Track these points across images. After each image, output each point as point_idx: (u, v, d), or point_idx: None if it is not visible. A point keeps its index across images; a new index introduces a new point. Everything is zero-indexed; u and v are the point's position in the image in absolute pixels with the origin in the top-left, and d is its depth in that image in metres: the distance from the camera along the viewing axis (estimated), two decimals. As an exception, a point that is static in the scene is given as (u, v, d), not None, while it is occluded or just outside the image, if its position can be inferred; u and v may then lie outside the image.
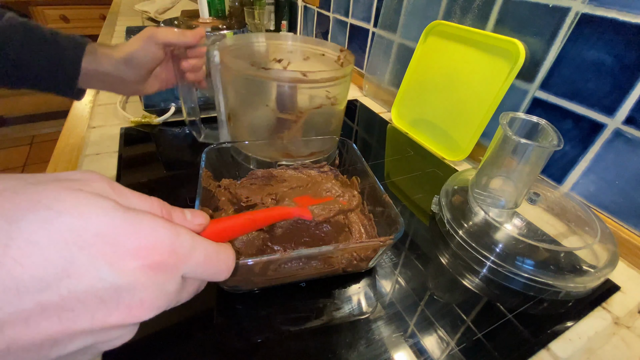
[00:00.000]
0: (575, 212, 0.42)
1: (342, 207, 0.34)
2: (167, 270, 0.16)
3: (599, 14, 0.40)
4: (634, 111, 0.39)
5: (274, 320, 0.30)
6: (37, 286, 0.13)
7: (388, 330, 0.30)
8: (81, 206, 0.14)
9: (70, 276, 0.13)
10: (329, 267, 0.32)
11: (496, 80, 0.51)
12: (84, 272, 0.13)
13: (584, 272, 0.35)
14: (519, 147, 0.37)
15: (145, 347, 0.28)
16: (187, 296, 0.19)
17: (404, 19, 0.69)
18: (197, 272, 0.18)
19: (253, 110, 0.47)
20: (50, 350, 0.14)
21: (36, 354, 0.14)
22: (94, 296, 0.14)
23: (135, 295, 0.15)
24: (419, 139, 0.64)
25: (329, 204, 0.33)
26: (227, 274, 0.20)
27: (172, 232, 0.16)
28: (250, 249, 0.34)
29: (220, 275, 0.19)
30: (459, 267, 0.38)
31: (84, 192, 0.15)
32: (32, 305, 0.13)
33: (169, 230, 0.16)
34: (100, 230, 0.14)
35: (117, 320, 0.15)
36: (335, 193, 0.39)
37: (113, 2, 1.53)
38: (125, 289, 0.14)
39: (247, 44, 0.51)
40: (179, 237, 0.16)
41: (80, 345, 0.15)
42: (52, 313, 0.13)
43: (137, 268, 0.15)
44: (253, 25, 1.01)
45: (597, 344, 0.32)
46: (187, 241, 0.17)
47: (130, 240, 0.15)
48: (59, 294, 0.13)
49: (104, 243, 0.14)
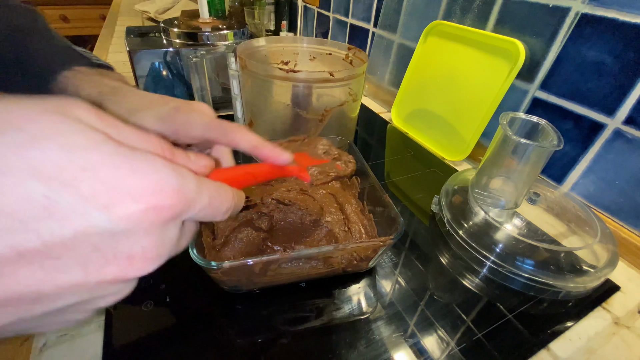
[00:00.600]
0: (575, 212, 0.42)
1: (338, 171, 0.33)
2: (172, 215, 0.14)
3: (599, 14, 0.40)
4: (634, 111, 0.39)
5: (274, 320, 0.30)
6: (9, 225, 0.10)
7: (388, 330, 0.30)
8: (63, 134, 0.12)
9: (52, 217, 0.11)
10: (329, 267, 0.32)
11: (496, 80, 0.51)
12: (71, 214, 0.11)
13: (584, 272, 0.35)
14: (519, 147, 0.37)
15: (145, 347, 0.28)
16: (185, 242, 0.17)
17: (404, 19, 0.69)
18: (199, 215, 0.16)
19: (275, 113, 0.47)
20: (32, 305, 0.12)
21: (14, 310, 0.12)
22: (85, 243, 0.12)
23: (136, 244, 0.13)
24: (419, 139, 0.64)
25: (326, 166, 0.33)
26: (227, 215, 0.18)
27: (177, 173, 0.14)
28: (250, 249, 0.34)
29: (219, 216, 0.18)
30: (459, 267, 0.38)
31: (67, 117, 0.12)
32: (3, 248, 0.10)
33: (174, 171, 0.14)
34: (89, 165, 0.12)
35: (116, 273, 0.13)
36: (332, 154, 0.39)
37: (113, 2, 1.53)
38: (125, 237, 0.13)
39: (261, 46, 0.52)
40: (185, 179, 0.14)
41: (70, 301, 0.13)
42: (31, 260, 0.11)
43: (138, 212, 0.13)
44: (253, 25, 1.01)
45: (597, 344, 0.32)
46: (192, 183, 0.15)
47: (129, 180, 0.12)
48: (40, 238, 0.11)
49: (95, 181, 0.12)
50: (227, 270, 0.27)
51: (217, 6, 0.96)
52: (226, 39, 0.63)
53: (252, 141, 0.25)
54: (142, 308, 0.30)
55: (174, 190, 0.14)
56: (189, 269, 0.33)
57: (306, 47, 0.55)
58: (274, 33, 1.09)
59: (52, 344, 0.27)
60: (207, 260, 0.26)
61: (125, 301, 0.31)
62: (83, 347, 0.27)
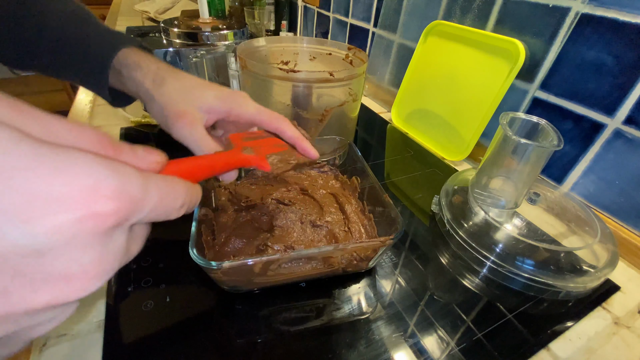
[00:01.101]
0: (575, 212, 0.42)
1: (298, 159, 0.33)
2: (115, 221, 0.12)
3: (599, 14, 0.40)
4: (634, 111, 0.39)
5: (274, 320, 0.30)
6: None
7: (388, 330, 0.30)
8: None
9: None
10: (329, 267, 0.32)
11: (496, 80, 0.51)
12: None
13: (584, 272, 0.35)
14: (519, 147, 0.37)
15: (145, 347, 0.28)
16: (137, 249, 0.15)
17: (404, 19, 0.69)
18: (150, 216, 0.14)
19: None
20: None
21: None
22: (2, 268, 0.10)
23: (73, 261, 0.11)
24: (419, 138, 0.64)
25: (285, 154, 0.32)
26: (182, 211, 0.16)
27: (116, 171, 0.12)
28: (250, 249, 0.34)
29: (173, 214, 0.15)
30: (459, 267, 0.38)
31: None
32: None
33: (112, 169, 0.12)
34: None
35: (48, 299, 0.11)
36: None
37: (113, 2, 1.53)
38: (56, 254, 0.11)
39: (261, 46, 0.52)
40: (127, 177, 0.12)
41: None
42: None
43: (70, 223, 0.11)
44: (253, 25, 1.01)
45: (597, 344, 0.32)
46: (137, 180, 0.13)
47: (54, 184, 0.10)
48: None
49: (8, 190, 0.10)
50: (227, 270, 0.27)
51: (217, 6, 0.96)
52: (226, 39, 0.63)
53: (295, 133, 0.30)
54: (142, 308, 0.30)
55: (114, 192, 0.12)
56: (189, 269, 0.33)
57: (306, 47, 0.55)
58: (274, 33, 1.09)
59: (52, 344, 0.27)
60: (207, 260, 0.26)
61: (125, 301, 0.31)
62: (83, 347, 0.27)
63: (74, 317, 0.29)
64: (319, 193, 0.42)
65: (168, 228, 0.38)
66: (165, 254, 0.35)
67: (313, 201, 0.41)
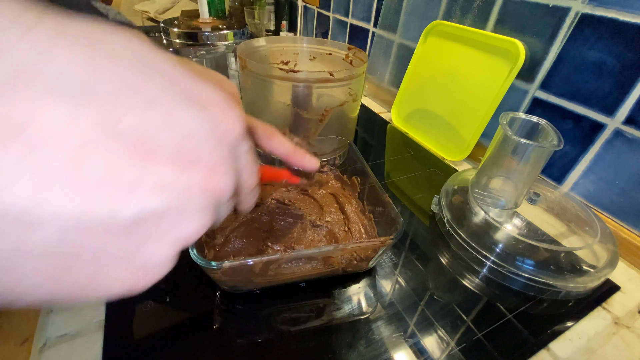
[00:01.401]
0: (575, 212, 0.42)
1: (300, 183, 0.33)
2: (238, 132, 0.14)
3: (599, 14, 0.40)
4: (634, 111, 0.39)
5: (274, 320, 0.30)
6: None
7: (388, 330, 0.30)
8: (103, 29, 0.10)
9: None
10: (329, 267, 0.32)
11: (496, 80, 0.51)
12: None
13: (584, 272, 0.35)
14: (519, 147, 0.37)
15: (145, 347, 0.28)
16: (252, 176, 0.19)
17: (404, 19, 0.69)
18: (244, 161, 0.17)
19: (275, 113, 0.47)
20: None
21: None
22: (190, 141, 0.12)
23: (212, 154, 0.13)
24: (419, 138, 0.64)
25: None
26: (253, 196, 0.21)
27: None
28: (250, 249, 0.34)
29: (245, 191, 0.20)
30: (459, 267, 0.38)
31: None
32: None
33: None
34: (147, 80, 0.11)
35: (203, 179, 0.12)
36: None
37: (113, 2, 1.53)
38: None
39: (261, 46, 0.52)
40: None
41: (159, 202, 0.11)
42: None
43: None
44: (253, 25, 1.01)
45: (597, 344, 0.32)
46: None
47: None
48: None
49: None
50: (227, 270, 0.27)
51: (217, 6, 0.96)
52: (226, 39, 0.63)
53: (286, 148, 0.26)
54: (142, 308, 0.30)
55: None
56: (189, 269, 0.33)
57: (306, 47, 0.55)
58: (274, 33, 1.09)
59: (52, 344, 0.27)
60: (207, 260, 0.26)
61: (125, 301, 0.31)
62: (83, 347, 0.27)
63: (74, 317, 0.29)
64: (319, 193, 0.42)
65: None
66: (165, 254, 0.35)
67: (313, 201, 0.41)
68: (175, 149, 0.11)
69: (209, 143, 0.13)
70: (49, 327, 0.28)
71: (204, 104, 0.13)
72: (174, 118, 0.11)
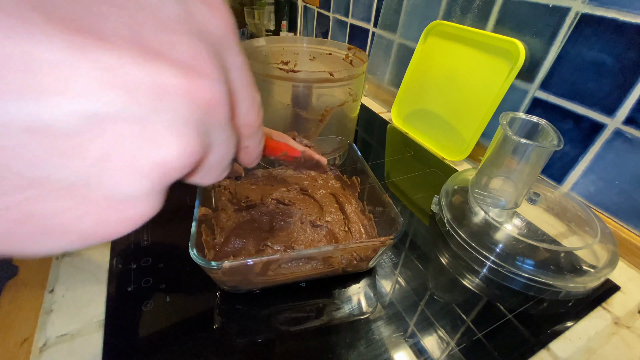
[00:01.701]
0: (575, 212, 0.42)
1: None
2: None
3: (599, 14, 0.40)
4: (634, 111, 0.39)
5: (274, 320, 0.30)
6: None
7: (388, 330, 0.30)
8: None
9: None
10: (329, 267, 0.32)
11: (496, 80, 0.51)
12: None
13: (584, 272, 0.35)
14: (519, 147, 0.37)
15: (145, 347, 0.28)
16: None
17: (404, 19, 0.69)
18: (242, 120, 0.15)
19: (275, 113, 0.47)
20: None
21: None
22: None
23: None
24: (419, 138, 0.64)
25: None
26: (228, 171, 0.17)
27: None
28: (250, 249, 0.34)
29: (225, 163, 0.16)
30: (459, 267, 0.38)
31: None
32: None
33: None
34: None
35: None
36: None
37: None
38: None
39: (261, 46, 0.52)
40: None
41: (221, 135, 0.11)
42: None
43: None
44: (253, 25, 1.01)
45: (597, 344, 0.32)
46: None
47: None
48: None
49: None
50: (227, 270, 0.27)
51: (217, 6, 0.96)
52: (226, 39, 0.62)
53: (300, 149, 0.28)
54: (142, 308, 0.30)
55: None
56: (189, 269, 0.33)
57: (306, 47, 0.55)
58: (274, 33, 1.09)
59: (52, 344, 0.27)
60: (207, 260, 0.26)
61: (125, 301, 0.31)
62: (83, 347, 0.27)
63: (74, 317, 0.29)
64: (319, 193, 0.42)
65: (168, 228, 0.38)
66: (165, 254, 0.35)
67: (313, 201, 0.41)
68: (133, 29, 0.08)
69: (182, 29, 0.09)
70: (49, 327, 0.28)
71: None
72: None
